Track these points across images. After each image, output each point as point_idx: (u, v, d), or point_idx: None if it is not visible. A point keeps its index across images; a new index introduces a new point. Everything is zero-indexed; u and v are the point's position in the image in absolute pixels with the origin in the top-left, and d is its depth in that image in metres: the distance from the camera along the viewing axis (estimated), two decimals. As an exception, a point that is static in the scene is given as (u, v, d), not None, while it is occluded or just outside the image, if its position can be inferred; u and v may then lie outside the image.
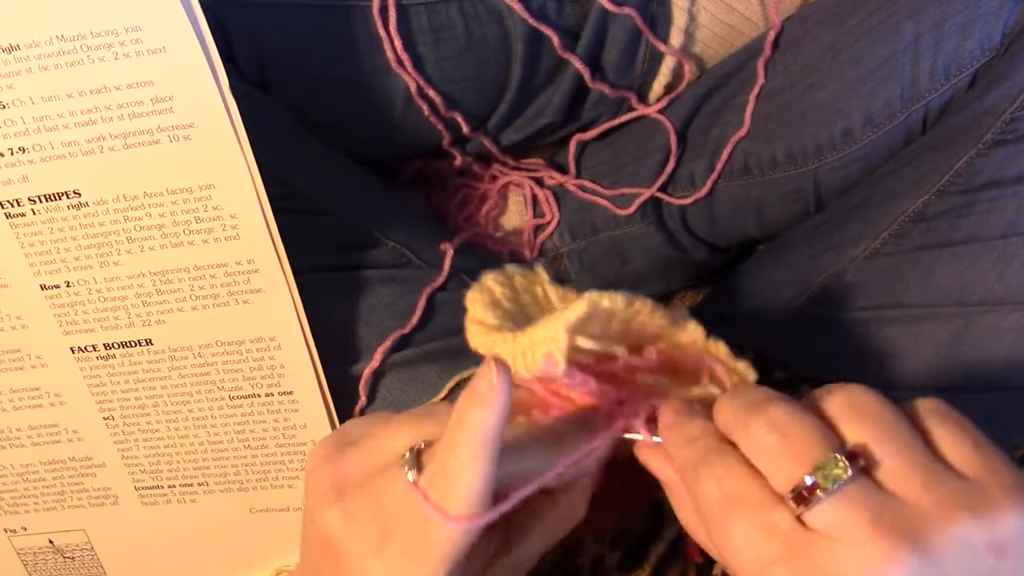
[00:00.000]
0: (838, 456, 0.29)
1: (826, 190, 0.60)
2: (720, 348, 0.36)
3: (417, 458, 0.33)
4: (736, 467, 0.31)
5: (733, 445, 0.32)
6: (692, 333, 0.36)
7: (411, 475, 0.33)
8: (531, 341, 0.34)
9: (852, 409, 0.31)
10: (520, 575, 0.37)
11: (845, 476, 0.28)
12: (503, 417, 0.31)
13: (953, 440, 0.30)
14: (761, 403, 0.32)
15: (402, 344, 0.56)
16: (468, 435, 0.31)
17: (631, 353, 0.36)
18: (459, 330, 0.39)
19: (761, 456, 0.30)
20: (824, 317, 0.56)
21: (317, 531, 0.34)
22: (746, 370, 0.36)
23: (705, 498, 0.31)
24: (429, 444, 0.34)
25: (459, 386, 0.56)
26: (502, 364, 0.31)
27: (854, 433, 0.30)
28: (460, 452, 0.31)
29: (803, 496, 0.29)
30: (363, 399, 0.55)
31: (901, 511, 0.28)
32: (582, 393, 0.36)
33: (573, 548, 0.47)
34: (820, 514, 0.29)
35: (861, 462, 0.29)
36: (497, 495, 0.32)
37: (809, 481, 0.29)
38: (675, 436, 0.34)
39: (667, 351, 0.37)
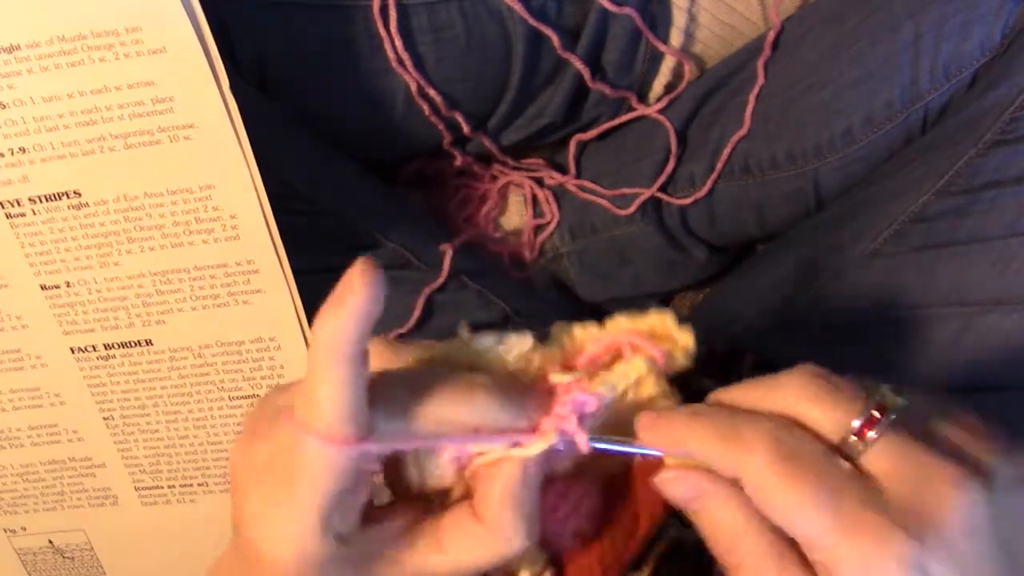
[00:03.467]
0: (884, 386, 0.29)
1: (826, 190, 0.60)
2: (665, 319, 0.33)
3: None
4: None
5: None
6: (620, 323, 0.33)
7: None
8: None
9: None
10: None
11: (900, 399, 0.28)
12: (359, 320, 0.27)
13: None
14: (789, 373, 0.30)
15: (402, 344, 0.56)
16: (320, 342, 0.28)
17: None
18: (457, 331, 0.38)
19: (816, 401, 0.29)
20: (824, 317, 0.56)
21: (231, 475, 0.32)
22: (686, 337, 0.33)
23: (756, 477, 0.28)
24: None
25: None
26: (370, 265, 0.27)
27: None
28: (313, 363, 0.28)
29: (862, 433, 0.28)
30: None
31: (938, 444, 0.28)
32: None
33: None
34: (882, 447, 0.28)
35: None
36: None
37: (869, 413, 0.28)
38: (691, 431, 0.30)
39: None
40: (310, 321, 0.50)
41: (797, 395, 0.29)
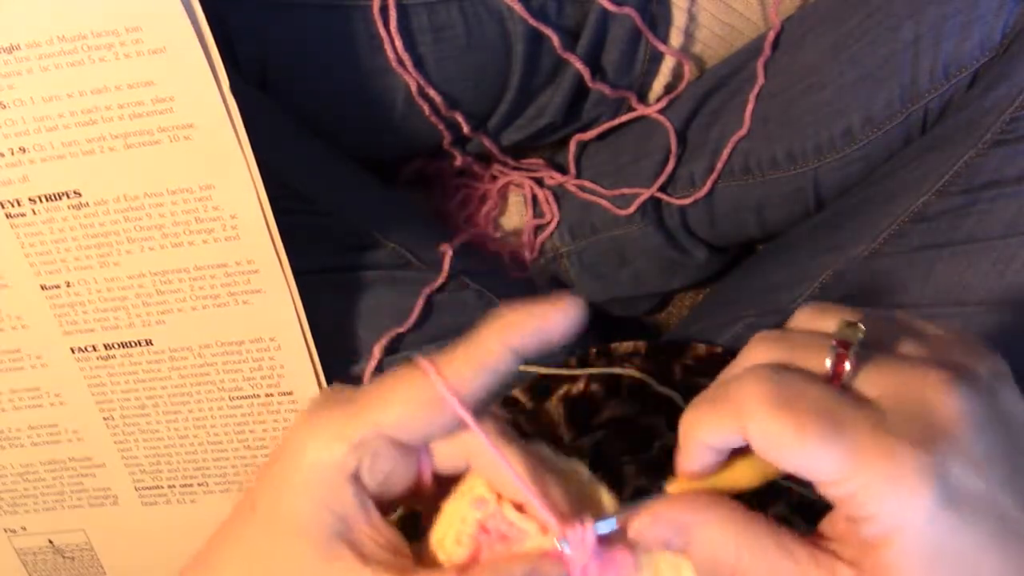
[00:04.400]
0: (839, 322, 0.29)
1: (826, 190, 0.60)
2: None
3: None
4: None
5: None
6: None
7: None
8: None
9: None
10: None
11: (857, 330, 0.28)
12: (542, 333, 0.30)
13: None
14: (744, 356, 0.32)
15: (400, 345, 0.56)
16: (500, 323, 0.30)
17: None
18: (457, 331, 0.38)
19: (798, 348, 0.30)
20: (824, 317, 0.56)
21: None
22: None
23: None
24: None
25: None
26: (577, 308, 0.30)
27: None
28: (483, 335, 0.30)
29: (837, 372, 0.28)
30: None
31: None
32: None
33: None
34: (864, 376, 0.28)
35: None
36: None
37: (836, 351, 0.28)
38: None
39: None
40: (310, 321, 0.50)
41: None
